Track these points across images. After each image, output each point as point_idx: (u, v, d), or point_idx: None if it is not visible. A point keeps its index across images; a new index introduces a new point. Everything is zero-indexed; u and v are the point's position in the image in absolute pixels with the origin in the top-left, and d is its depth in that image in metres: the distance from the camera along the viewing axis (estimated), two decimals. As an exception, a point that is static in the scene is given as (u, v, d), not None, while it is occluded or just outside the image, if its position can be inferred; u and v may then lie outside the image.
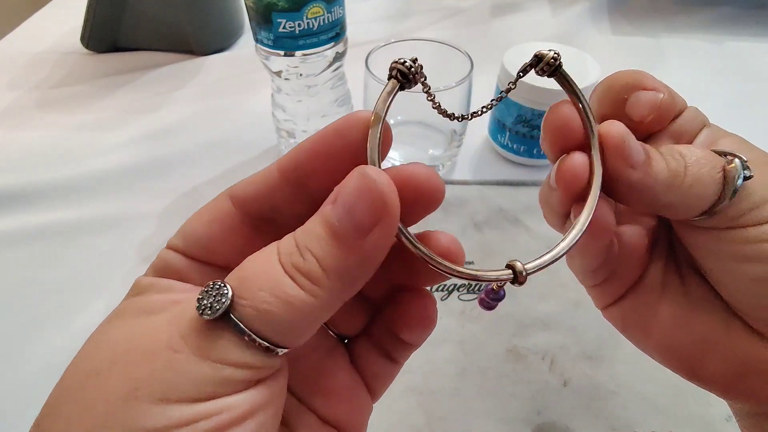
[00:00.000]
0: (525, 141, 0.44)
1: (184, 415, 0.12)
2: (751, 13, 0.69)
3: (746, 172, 0.16)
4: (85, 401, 0.13)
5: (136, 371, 0.12)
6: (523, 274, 0.15)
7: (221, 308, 0.12)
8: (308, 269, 0.13)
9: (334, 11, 0.37)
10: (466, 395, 0.31)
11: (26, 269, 0.39)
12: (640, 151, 0.16)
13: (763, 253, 0.16)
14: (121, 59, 0.63)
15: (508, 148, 0.46)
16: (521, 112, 0.42)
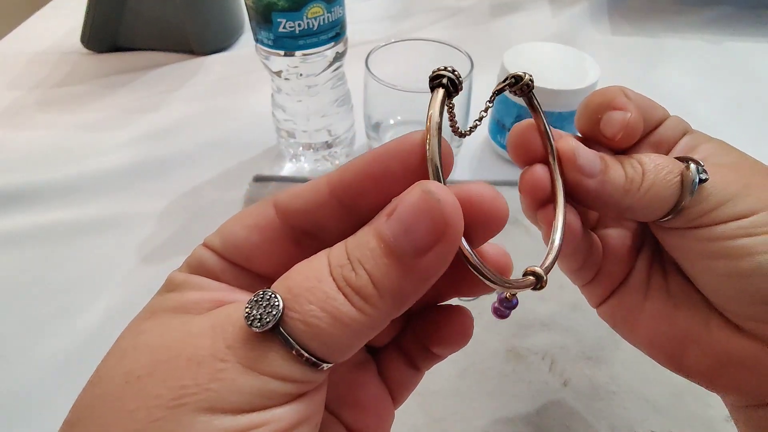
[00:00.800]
0: None
1: (230, 426, 0.12)
2: (751, 13, 0.69)
3: (702, 175, 0.17)
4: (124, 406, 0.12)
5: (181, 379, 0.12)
6: (543, 278, 0.16)
7: (271, 321, 0.12)
8: (360, 286, 0.12)
9: (334, 11, 0.37)
10: (466, 396, 0.31)
11: (26, 269, 0.39)
12: (596, 162, 0.18)
13: (726, 250, 0.17)
14: (121, 59, 0.63)
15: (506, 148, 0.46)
16: (521, 112, 0.42)
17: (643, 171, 0.18)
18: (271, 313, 0.12)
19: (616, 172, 0.18)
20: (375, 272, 0.12)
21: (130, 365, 0.13)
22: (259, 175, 0.45)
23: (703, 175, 0.17)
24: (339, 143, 0.46)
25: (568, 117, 0.42)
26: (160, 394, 0.12)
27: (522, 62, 0.42)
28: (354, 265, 0.12)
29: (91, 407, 0.13)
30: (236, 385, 0.12)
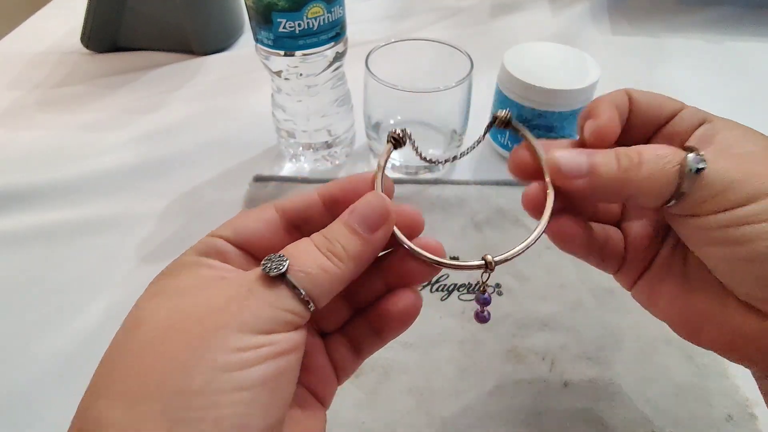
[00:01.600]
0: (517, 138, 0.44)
1: (255, 342, 0.17)
2: (751, 13, 0.69)
3: (700, 164, 0.19)
4: (183, 335, 0.17)
5: (220, 311, 0.17)
6: (492, 263, 0.21)
7: (282, 269, 0.18)
8: (337, 251, 0.19)
9: (334, 11, 0.37)
10: (466, 396, 0.31)
11: (26, 269, 0.39)
12: (580, 163, 0.20)
13: (724, 238, 0.19)
14: (121, 59, 0.63)
15: (508, 148, 0.46)
16: (521, 112, 0.42)
17: (640, 161, 0.19)
18: (282, 264, 0.18)
19: (608, 165, 0.20)
20: (345, 243, 0.19)
21: (174, 314, 0.18)
22: (259, 175, 0.45)
23: (701, 164, 0.18)
24: (339, 143, 0.46)
25: (568, 116, 0.42)
26: (206, 326, 0.17)
27: (522, 62, 0.42)
28: (332, 241, 0.19)
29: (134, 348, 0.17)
30: (258, 314, 0.17)
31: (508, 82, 0.42)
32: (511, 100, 0.43)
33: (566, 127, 0.42)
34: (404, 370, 0.32)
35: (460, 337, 0.34)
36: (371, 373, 0.31)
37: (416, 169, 0.45)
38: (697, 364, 0.32)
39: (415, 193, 0.43)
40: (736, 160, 0.19)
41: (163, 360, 0.16)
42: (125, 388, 0.16)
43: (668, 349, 0.32)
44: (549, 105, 0.41)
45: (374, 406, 0.30)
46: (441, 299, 0.36)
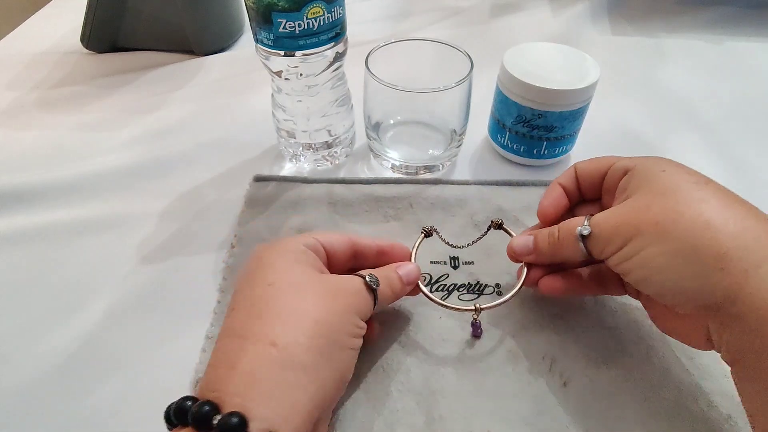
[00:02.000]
0: (525, 141, 0.44)
1: (360, 324, 0.28)
2: (751, 13, 0.69)
3: (585, 231, 0.28)
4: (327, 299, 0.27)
5: (349, 299, 0.28)
6: (479, 309, 0.33)
7: (378, 285, 0.29)
8: (392, 285, 0.31)
9: (334, 11, 0.37)
10: (465, 395, 0.31)
11: (26, 269, 0.39)
12: (528, 246, 0.32)
13: (621, 270, 0.27)
14: (121, 59, 0.63)
15: (508, 148, 0.46)
16: (521, 112, 0.42)
17: (558, 236, 0.30)
18: (377, 282, 0.29)
19: (542, 243, 0.31)
20: (395, 284, 0.31)
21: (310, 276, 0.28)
22: (259, 175, 0.45)
23: (586, 230, 0.28)
24: (339, 143, 0.46)
25: (568, 116, 0.42)
26: (337, 297, 0.27)
27: (522, 62, 0.42)
28: (390, 280, 0.31)
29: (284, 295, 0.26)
30: (364, 307, 0.28)
31: (508, 82, 0.42)
32: (511, 101, 0.42)
33: (566, 127, 0.42)
34: (404, 370, 0.32)
35: (459, 337, 0.34)
36: (371, 373, 0.31)
37: (416, 169, 0.45)
38: (697, 364, 0.32)
39: (415, 193, 0.43)
40: (616, 218, 0.27)
41: (312, 306, 0.26)
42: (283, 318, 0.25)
43: (668, 350, 0.32)
44: (549, 105, 0.41)
45: (374, 406, 0.30)
46: (441, 299, 0.36)
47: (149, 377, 0.32)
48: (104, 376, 0.32)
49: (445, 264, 0.38)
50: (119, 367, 0.33)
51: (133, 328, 0.35)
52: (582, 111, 0.43)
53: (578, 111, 0.42)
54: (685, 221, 0.24)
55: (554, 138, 0.43)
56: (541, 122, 0.42)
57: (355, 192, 0.43)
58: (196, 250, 0.40)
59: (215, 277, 0.38)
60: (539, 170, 0.46)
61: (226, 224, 0.41)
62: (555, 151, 0.45)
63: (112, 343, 0.34)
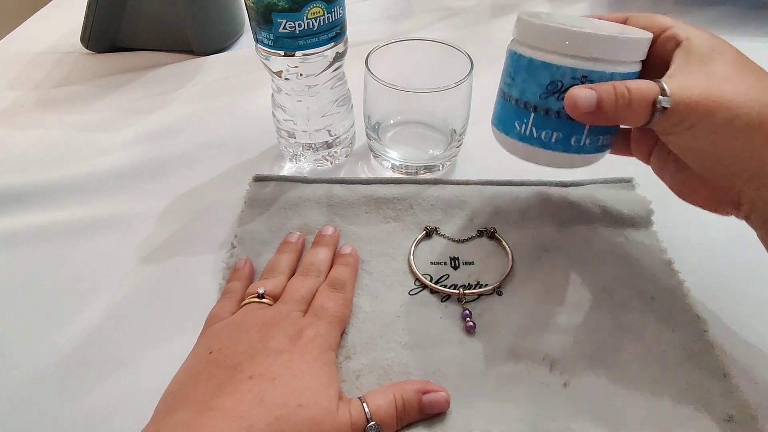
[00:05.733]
0: (560, 124, 0.30)
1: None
2: (751, 13, 0.69)
3: (665, 103, 0.26)
4: None
5: None
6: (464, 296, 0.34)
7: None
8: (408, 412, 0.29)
9: (334, 11, 0.37)
10: (465, 396, 0.30)
11: (26, 269, 0.39)
12: (591, 101, 0.28)
13: (682, 146, 0.28)
14: (121, 59, 0.63)
15: (532, 139, 0.31)
16: (556, 77, 0.29)
17: (630, 98, 0.27)
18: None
19: (608, 101, 0.28)
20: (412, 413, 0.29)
21: None
22: (259, 175, 0.45)
23: (666, 103, 0.26)
24: (339, 143, 0.46)
25: None
26: None
27: (547, 15, 0.31)
28: (406, 403, 0.29)
29: None
30: None
31: (536, 36, 0.30)
32: (540, 63, 0.30)
33: None
34: (404, 371, 0.32)
35: (460, 337, 0.34)
36: (371, 373, 0.31)
37: (416, 169, 0.45)
38: (698, 364, 0.32)
39: (415, 193, 0.43)
40: (692, 90, 0.26)
41: None
42: None
43: (668, 350, 0.32)
44: (602, 61, 0.28)
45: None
46: (441, 299, 0.36)
47: (149, 377, 0.32)
48: (104, 376, 0.32)
49: (446, 264, 0.38)
50: (119, 367, 0.33)
51: (133, 328, 0.35)
52: (636, 77, 0.30)
53: (633, 75, 0.30)
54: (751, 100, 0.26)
55: None
56: None
57: (355, 193, 0.43)
58: (196, 250, 0.40)
59: (215, 277, 0.38)
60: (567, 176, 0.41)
61: (226, 224, 0.41)
62: (599, 142, 0.31)
63: (112, 343, 0.34)
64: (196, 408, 0.25)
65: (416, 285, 0.37)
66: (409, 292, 0.36)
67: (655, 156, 0.33)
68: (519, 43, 0.32)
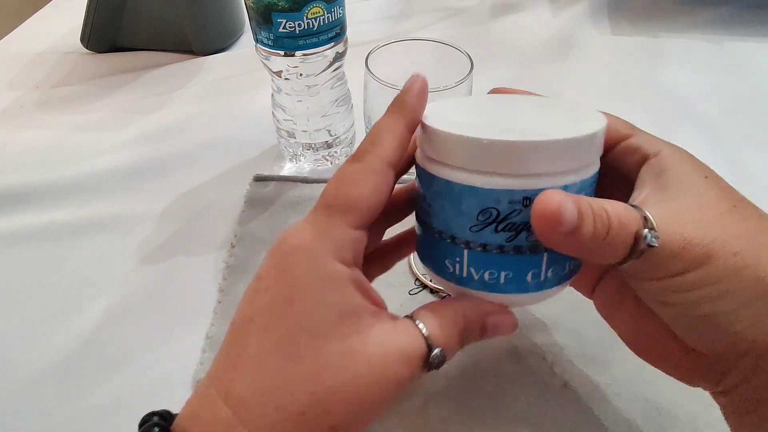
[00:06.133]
0: (506, 261, 0.22)
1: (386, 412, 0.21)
2: (751, 13, 0.69)
3: (653, 242, 0.19)
4: None
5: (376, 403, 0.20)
6: None
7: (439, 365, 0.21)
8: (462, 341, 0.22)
9: (334, 11, 0.37)
10: (466, 396, 0.30)
11: (26, 269, 0.39)
12: (571, 219, 0.19)
13: (670, 300, 0.20)
14: (121, 59, 0.63)
15: (473, 283, 0.23)
16: (488, 203, 0.21)
17: (609, 225, 0.19)
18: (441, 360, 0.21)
19: (587, 228, 0.19)
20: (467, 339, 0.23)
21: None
22: (259, 175, 0.45)
23: (654, 242, 0.19)
24: (339, 143, 0.46)
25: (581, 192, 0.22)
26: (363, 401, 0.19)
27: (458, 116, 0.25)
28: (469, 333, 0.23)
29: None
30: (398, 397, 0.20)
31: (453, 150, 0.21)
32: (462, 188, 0.21)
33: None
34: (404, 370, 0.32)
35: (460, 337, 0.34)
36: (371, 373, 0.31)
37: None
38: (697, 364, 0.32)
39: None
40: (684, 225, 0.20)
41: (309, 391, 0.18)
42: None
43: (668, 350, 0.32)
44: (546, 175, 0.20)
45: (374, 407, 0.30)
46: (441, 299, 0.36)
47: (149, 377, 0.32)
48: (104, 376, 0.32)
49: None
50: (119, 367, 0.33)
51: (133, 328, 0.35)
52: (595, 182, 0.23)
53: (592, 181, 0.22)
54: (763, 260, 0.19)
55: None
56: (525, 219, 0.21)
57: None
58: (196, 250, 0.40)
59: (215, 277, 0.38)
60: None
61: (226, 224, 0.41)
62: (566, 268, 0.23)
63: (112, 343, 0.34)
64: None
65: (416, 285, 0.37)
66: (409, 292, 0.36)
67: (603, 292, 0.26)
68: (429, 160, 0.22)
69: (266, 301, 0.20)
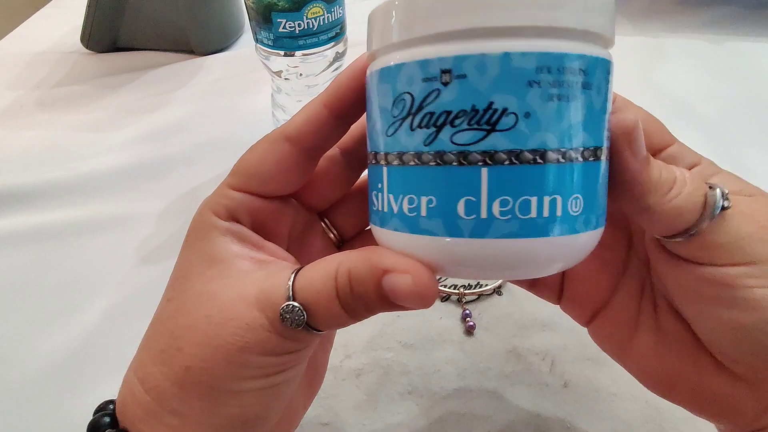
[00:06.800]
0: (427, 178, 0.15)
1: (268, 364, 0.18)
2: (751, 13, 0.69)
3: (725, 202, 0.16)
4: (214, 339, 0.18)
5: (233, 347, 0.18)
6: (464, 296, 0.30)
7: (299, 325, 0.17)
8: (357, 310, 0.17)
9: (334, 11, 0.37)
10: (465, 396, 0.31)
11: (26, 269, 0.39)
12: (644, 147, 0.16)
13: (731, 298, 0.17)
14: (121, 59, 0.63)
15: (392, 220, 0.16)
16: (401, 86, 0.15)
17: (674, 178, 0.17)
18: (299, 318, 0.17)
19: (654, 168, 0.16)
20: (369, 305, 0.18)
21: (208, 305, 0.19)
22: (259, 175, 0.45)
23: (726, 202, 0.16)
24: (339, 143, 0.46)
25: None
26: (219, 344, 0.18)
27: None
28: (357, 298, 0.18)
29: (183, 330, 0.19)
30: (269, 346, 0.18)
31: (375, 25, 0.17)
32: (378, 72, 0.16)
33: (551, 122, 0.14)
34: (404, 371, 0.32)
35: (459, 338, 0.34)
36: (371, 373, 0.32)
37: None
38: (697, 364, 0.32)
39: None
40: (751, 210, 0.17)
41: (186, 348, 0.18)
42: None
43: (668, 350, 0.32)
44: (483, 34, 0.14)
45: (374, 408, 0.30)
46: (441, 299, 0.36)
47: (149, 377, 0.32)
48: (104, 376, 0.32)
49: (445, 264, 0.38)
50: (119, 367, 0.33)
51: (133, 328, 0.35)
52: None
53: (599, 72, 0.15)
54: None
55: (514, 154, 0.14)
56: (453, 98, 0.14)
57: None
58: (196, 250, 0.40)
59: (215, 277, 0.38)
60: None
61: (226, 224, 0.41)
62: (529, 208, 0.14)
63: (112, 343, 0.34)
64: None
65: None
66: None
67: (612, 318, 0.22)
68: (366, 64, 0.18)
69: None
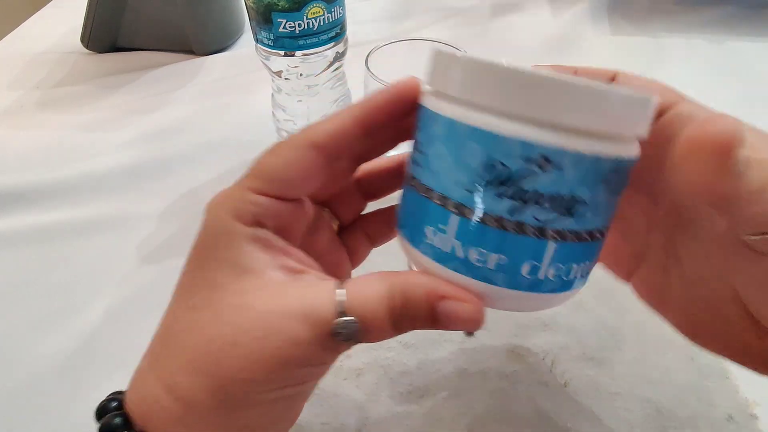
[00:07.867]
0: (502, 240, 0.17)
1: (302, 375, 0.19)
2: (751, 13, 0.69)
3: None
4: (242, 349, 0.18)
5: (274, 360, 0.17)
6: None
7: (347, 338, 0.18)
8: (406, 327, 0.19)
9: (334, 11, 0.37)
10: (466, 396, 0.30)
11: (26, 269, 0.39)
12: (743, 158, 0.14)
13: None
14: (121, 59, 0.63)
15: (454, 261, 0.18)
16: (496, 154, 0.16)
17: None
18: (350, 332, 0.18)
19: (754, 172, 0.15)
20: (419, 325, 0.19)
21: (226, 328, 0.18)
22: (259, 175, 0.45)
23: None
24: (339, 143, 0.46)
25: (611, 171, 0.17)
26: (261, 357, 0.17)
27: None
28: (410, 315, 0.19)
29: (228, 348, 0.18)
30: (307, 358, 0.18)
31: (466, 78, 0.17)
32: (465, 128, 0.17)
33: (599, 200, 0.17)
34: (404, 371, 0.32)
35: (459, 338, 0.33)
36: (371, 373, 0.31)
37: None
38: (698, 364, 0.32)
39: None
40: None
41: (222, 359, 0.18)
42: None
43: (669, 350, 0.32)
44: (579, 133, 0.16)
45: (375, 407, 0.30)
46: (441, 299, 0.36)
47: (149, 377, 0.32)
48: (104, 376, 0.32)
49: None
50: (119, 367, 0.33)
51: (133, 328, 0.35)
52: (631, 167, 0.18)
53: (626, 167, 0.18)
54: None
55: (575, 234, 0.17)
56: (550, 189, 0.16)
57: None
58: (196, 250, 0.40)
59: (215, 277, 0.38)
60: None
61: (226, 224, 0.41)
62: (571, 273, 0.18)
63: (112, 343, 0.34)
64: None
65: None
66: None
67: (647, 274, 0.22)
68: (433, 95, 0.19)
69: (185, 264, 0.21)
